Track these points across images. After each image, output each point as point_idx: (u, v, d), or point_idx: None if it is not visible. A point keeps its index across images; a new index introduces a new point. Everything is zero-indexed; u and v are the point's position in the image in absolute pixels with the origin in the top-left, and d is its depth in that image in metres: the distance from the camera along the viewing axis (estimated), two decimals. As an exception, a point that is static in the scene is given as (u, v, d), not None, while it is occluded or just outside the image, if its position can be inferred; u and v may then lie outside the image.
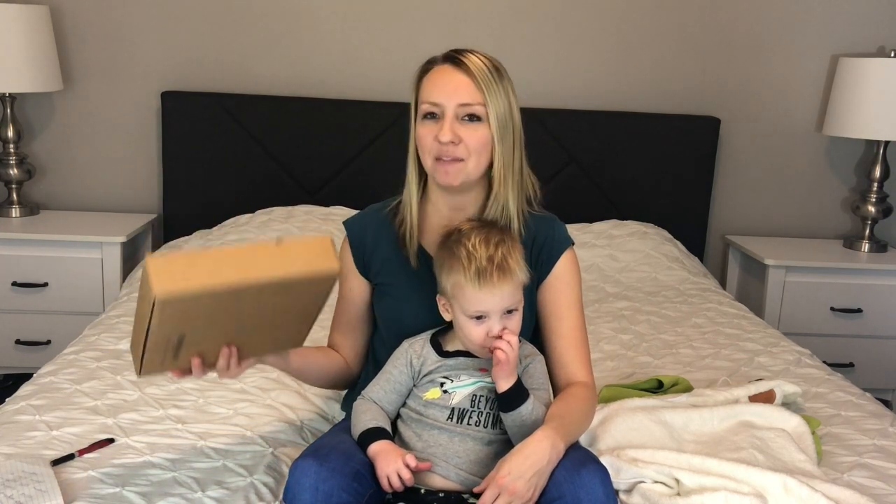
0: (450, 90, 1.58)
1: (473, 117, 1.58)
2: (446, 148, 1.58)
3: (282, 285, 1.37)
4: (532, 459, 1.41)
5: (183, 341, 1.41)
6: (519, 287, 1.52)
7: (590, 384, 1.64)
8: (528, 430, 1.50)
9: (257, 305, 1.39)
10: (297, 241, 1.40)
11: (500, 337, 1.50)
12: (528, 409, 1.50)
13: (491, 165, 1.63)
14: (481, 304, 1.50)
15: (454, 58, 1.61)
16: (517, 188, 1.65)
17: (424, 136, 1.61)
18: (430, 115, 1.60)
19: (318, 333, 2.38)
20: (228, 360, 1.48)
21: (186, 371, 1.50)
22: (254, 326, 1.45)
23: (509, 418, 1.51)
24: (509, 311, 1.52)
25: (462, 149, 1.58)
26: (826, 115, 3.34)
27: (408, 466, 1.45)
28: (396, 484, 1.46)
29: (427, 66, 1.64)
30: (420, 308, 1.64)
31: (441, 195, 1.68)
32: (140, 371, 1.47)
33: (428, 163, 1.62)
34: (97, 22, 3.26)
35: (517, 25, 3.33)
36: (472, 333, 1.53)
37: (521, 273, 1.52)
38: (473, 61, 1.60)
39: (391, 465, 1.46)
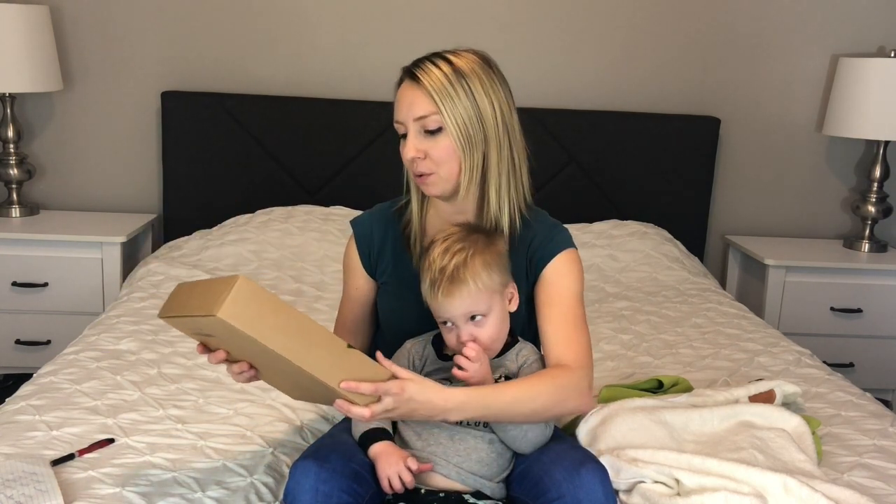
0: (406, 106, 1.59)
1: (432, 131, 1.58)
2: (415, 165, 1.60)
3: (319, 383, 1.37)
4: (428, 409, 1.42)
5: (212, 337, 1.42)
6: (480, 294, 1.51)
7: (573, 367, 1.55)
8: (513, 431, 1.51)
9: (291, 371, 1.39)
10: (364, 362, 1.38)
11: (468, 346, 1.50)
12: None
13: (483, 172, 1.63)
14: (440, 311, 1.53)
15: (411, 72, 1.61)
16: (507, 188, 1.63)
17: (402, 155, 1.63)
18: (403, 136, 1.62)
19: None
20: (243, 373, 1.48)
21: (205, 349, 1.48)
22: (280, 373, 1.45)
23: (494, 423, 1.52)
24: (476, 318, 1.52)
25: (429, 163, 1.59)
26: (826, 115, 3.34)
27: (409, 469, 1.46)
28: (397, 486, 1.46)
29: (398, 83, 1.64)
30: (422, 309, 1.64)
31: (439, 202, 1.69)
32: (161, 314, 1.46)
33: (413, 177, 1.65)
34: (97, 22, 3.26)
35: (517, 25, 3.33)
36: (445, 337, 1.56)
37: (476, 282, 1.50)
38: (428, 72, 1.58)
39: (392, 466, 1.46)
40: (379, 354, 1.45)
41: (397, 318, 1.72)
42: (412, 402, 1.41)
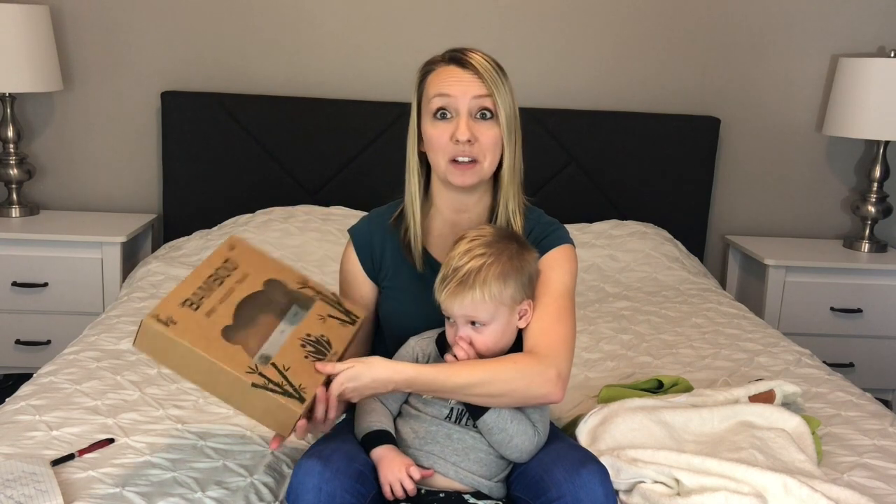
0: (462, 87, 1.58)
1: (487, 114, 1.59)
2: (463, 148, 1.58)
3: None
4: (376, 386, 1.46)
5: None
6: (485, 304, 1.50)
7: (542, 354, 1.51)
8: (498, 436, 1.50)
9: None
10: (270, 402, 1.40)
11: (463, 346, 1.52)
12: (492, 418, 1.50)
13: (499, 165, 1.63)
14: (443, 307, 1.53)
15: (458, 58, 1.60)
16: (517, 186, 1.66)
17: (438, 136, 1.59)
18: (442, 115, 1.59)
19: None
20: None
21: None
22: None
23: (479, 425, 1.51)
24: (476, 324, 1.52)
25: (477, 148, 1.58)
26: (826, 115, 3.34)
27: (411, 477, 1.46)
28: (399, 493, 1.46)
29: (429, 67, 1.63)
30: (423, 312, 1.64)
31: (445, 198, 1.68)
32: None
33: (441, 164, 1.61)
34: (97, 22, 3.26)
35: (517, 25, 3.33)
36: (447, 330, 1.57)
37: (484, 292, 1.49)
38: (478, 60, 1.60)
39: (394, 473, 1.46)
40: (317, 364, 1.46)
41: (399, 322, 1.71)
42: (358, 388, 1.45)
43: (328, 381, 1.47)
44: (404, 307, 1.70)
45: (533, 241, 1.64)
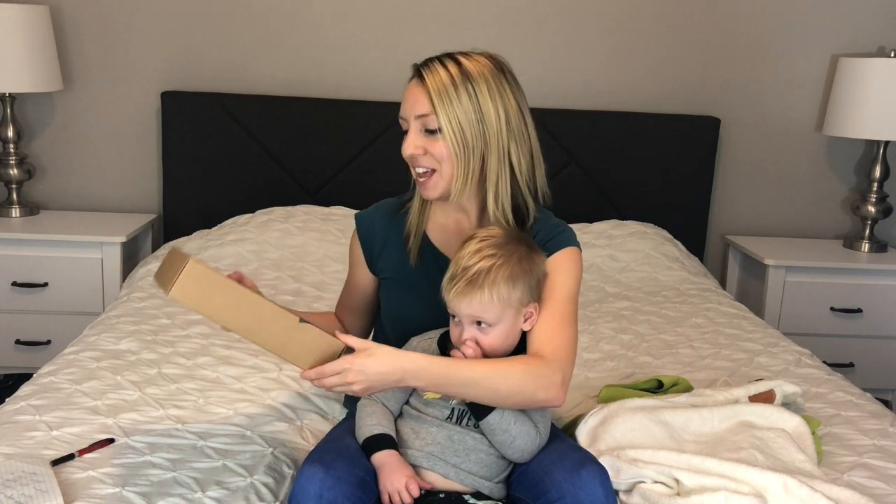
0: (409, 104, 1.61)
1: (432, 130, 1.59)
2: (414, 160, 1.62)
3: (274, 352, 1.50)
4: (383, 376, 1.45)
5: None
6: (492, 305, 1.50)
7: (546, 358, 1.51)
8: (501, 437, 1.50)
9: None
10: (316, 337, 1.47)
11: (466, 345, 1.52)
12: (496, 419, 1.49)
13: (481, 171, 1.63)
14: (450, 306, 1.53)
15: (419, 70, 1.62)
16: (507, 193, 1.64)
17: (402, 152, 1.65)
18: (405, 132, 1.64)
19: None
20: None
21: None
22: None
23: (482, 425, 1.51)
24: (482, 324, 1.51)
25: (429, 159, 1.60)
26: (826, 115, 3.34)
27: (409, 490, 1.46)
28: (397, 502, 1.46)
29: (410, 78, 1.66)
30: (423, 306, 1.64)
31: (437, 203, 1.71)
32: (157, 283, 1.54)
33: (414, 178, 1.67)
34: (97, 22, 3.26)
35: (517, 25, 3.33)
36: (451, 329, 1.56)
37: (493, 293, 1.49)
38: (434, 73, 1.59)
39: (395, 483, 1.46)
40: (337, 332, 1.50)
41: (399, 313, 1.72)
42: (368, 378, 1.44)
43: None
44: (403, 300, 1.71)
45: (539, 242, 1.64)
